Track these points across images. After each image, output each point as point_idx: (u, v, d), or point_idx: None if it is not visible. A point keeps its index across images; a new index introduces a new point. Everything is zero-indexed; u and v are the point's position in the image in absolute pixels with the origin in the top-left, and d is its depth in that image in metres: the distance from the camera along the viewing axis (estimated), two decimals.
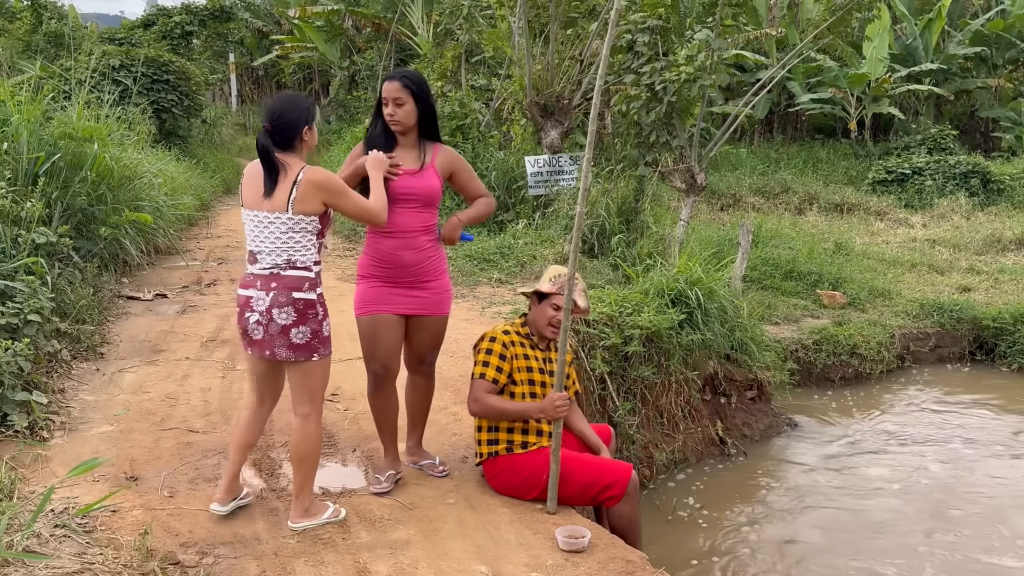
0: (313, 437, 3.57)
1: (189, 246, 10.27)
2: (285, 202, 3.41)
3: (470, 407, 4.00)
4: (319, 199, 3.43)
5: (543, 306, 4.05)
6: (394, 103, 3.81)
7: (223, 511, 3.69)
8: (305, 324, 3.45)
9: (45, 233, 5.90)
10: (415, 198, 3.87)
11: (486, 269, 8.50)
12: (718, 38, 8.26)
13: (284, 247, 3.45)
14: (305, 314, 3.45)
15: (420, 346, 4.05)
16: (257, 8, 28.36)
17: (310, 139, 3.53)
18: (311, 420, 3.57)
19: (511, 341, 4.01)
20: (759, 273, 9.81)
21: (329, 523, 3.66)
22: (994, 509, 5.96)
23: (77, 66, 12.24)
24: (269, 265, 3.46)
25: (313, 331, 3.47)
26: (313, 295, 3.48)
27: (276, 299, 3.43)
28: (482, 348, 4.00)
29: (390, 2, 20.75)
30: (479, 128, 11.49)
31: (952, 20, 19.87)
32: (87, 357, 5.81)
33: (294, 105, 3.53)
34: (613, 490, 3.96)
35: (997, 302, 9.66)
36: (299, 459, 3.60)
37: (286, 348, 3.46)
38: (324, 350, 3.54)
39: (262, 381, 3.68)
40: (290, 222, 3.43)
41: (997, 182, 15.66)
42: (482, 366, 3.96)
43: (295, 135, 3.47)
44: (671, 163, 8.90)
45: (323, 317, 3.52)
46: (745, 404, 7.29)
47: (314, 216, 3.46)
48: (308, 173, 3.42)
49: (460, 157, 4.10)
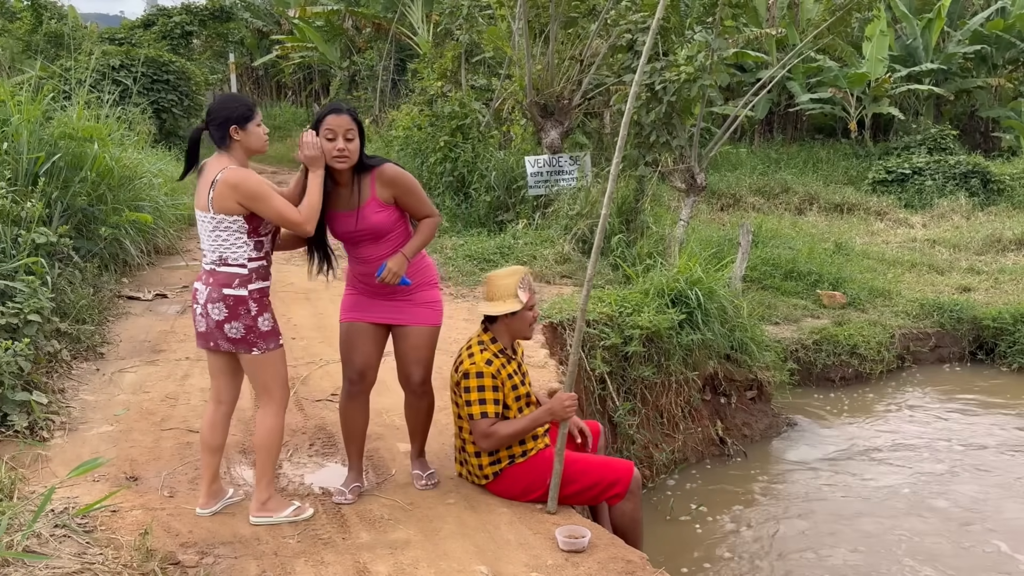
0: (269, 427, 3.63)
1: (189, 246, 10.26)
2: (206, 201, 3.46)
3: (482, 445, 3.86)
4: (234, 199, 3.43)
5: (521, 314, 3.91)
6: (344, 137, 3.58)
7: (207, 513, 3.74)
8: (237, 320, 3.50)
9: (45, 233, 5.90)
10: (361, 237, 3.75)
11: (486, 269, 8.49)
12: (718, 38, 8.26)
13: (215, 245, 3.51)
14: (236, 310, 3.50)
15: (403, 359, 3.94)
16: (257, 8, 28.32)
17: (242, 139, 3.51)
18: (268, 413, 3.64)
19: (497, 369, 3.85)
20: (759, 273, 9.81)
21: (290, 521, 3.67)
22: (995, 510, 5.96)
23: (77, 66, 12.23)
24: (208, 261, 3.55)
25: (247, 326, 3.52)
26: (244, 291, 3.50)
27: (211, 294, 3.51)
28: (472, 387, 3.81)
29: (390, 2, 20.73)
30: (479, 128, 11.48)
31: (952, 20, 19.85)
32: (87, 357, 5.81)
33: (225, 104, 3.56)
34: (616, 488, 3.95)
35: (997, 302, 9.65)
36: (256, 448, 3.68)
37: (225, 340, 3.54)
38: (264, 344, 3.56)
39: (217, 378, 3.74)
40: (214, 221, 3.48)
41: (997, 182, 15.65)
42: (479, 404, 3.81)
43: (223, 133, 3.50)
44: (671, 163, 8.90)
45: (257, 313, 3.53)
46: (745, 404, 7.29)
47: (236, 216, 3.46)
48: (225, 173, 3.44)
49: (400, 176, 3.74)
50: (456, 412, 4.02)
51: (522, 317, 3.93)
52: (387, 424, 4.80)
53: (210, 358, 3.71)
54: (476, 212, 10.60)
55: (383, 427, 4.75)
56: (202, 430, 3.77)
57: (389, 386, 4.70)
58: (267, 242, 3.61)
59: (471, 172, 10.93)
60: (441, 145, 11.08)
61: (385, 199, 3.73)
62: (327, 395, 5.30)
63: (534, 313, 3.99)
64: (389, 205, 3.74)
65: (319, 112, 3.69)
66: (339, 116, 3.60)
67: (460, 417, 3.98)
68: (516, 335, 3.99)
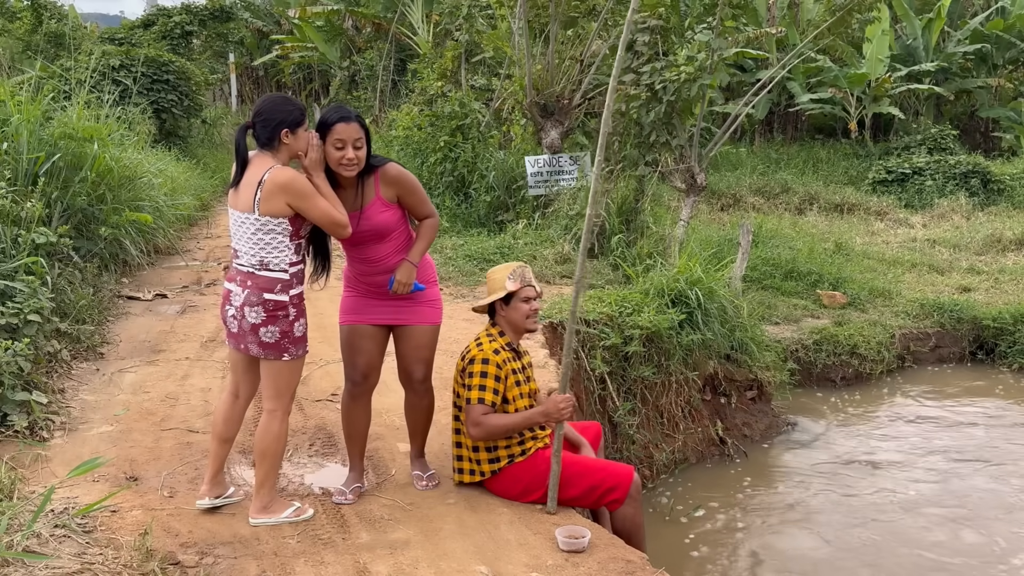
0: (275, 434, 3.59)
1: (189, 246, 10.27)
2: (251, 202, 3.41)
3: (471, 432, 3.85)
4: (283, 200, 3.39)
5: (515, 304, 3.92)
6: (353, 146, 3.54)
7: (206, 505, 3.71)
8: (275, 324, 3.46)
9: (45, 233, 5.90)
10: (366, 237, 3.73)
11: (486, 269, 8.47)
12: (718, 38, 8.26)
13: (256, 248, 3.46)
14: (275, 315, 3.46)
15: (404, 359, 3.95)
16: (257, 8, 28.34)
17: (291, 143, 3.48)
18: (275, 417, 3.59)
19: (503, 360, 3.87)
20: (759, 273, 9.81)
21: (290, 522, 3.65)
22: (996, 511, 5.95)
23: (77, 66, 12.23)
24: (246, 264, 3.49)
25: (283, 331, 3.48)
26: (285, 297, 3.47)
27: (248, 298, 3.46)
28: (475, 372, 3.83)
29: (390, 2, 20.74)
30: (479, 128, 11.48)
31: (952, 20, 19.85)
32: (87, 357, 5.81)
33: (277, 105, 3.51)
34: (615, 493, 3.93)
35: (997, 302, 9.65)
36: (260, 454, 3.63)
37: (257, 345, 3.50)
38: (295, 350, 3.54)
39: (238, 374, 3.71)
40: (258, 223, 3.42)
41: (997, 182, 15.65)
42: (479, 390, 3.82)
43: (273, 135, 3.45)
44: (671, 163, 8.90)
45: (295, 318, 3.51)
46: (745, 404, 7.29)
47: (282, 218, 3.42)
48: (273, 172, 3.39)
49: (403, 175, 3.76)
50: (455, 414, 4.02)
51: (516, 308, 3.93)
52: (387, 424, 4.80)
53: (233, 354, 3.68)
54: (476, 212, 10.61)
55: (383, 427, 4.75)
56: (215, 422, 3.74)
57: (390, 386, 4.70)
58: (303, 245, 3.57)
59: (471, 172, 10.94)
60: (441, 145, 11.09)
61: (389, 198, 3.73)
62: (327, 395, 5.31)
63: (532, 306, 3.96)
64: (393, 204, 3.75)
65: (326, 116, 3.60)
66: (348, 125, 3.54)
67: (460, 409, 3.96)
68: (516, 326, 3.98)
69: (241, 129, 3.50)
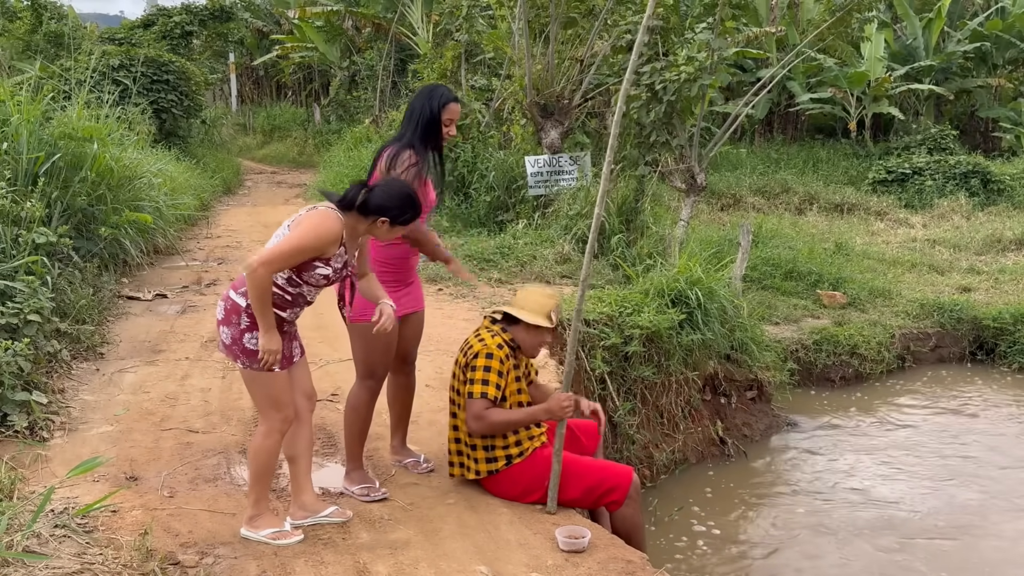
0: (254, 448, 3.52)
1: (189, 246, 10.27)
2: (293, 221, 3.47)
3: (471, 427, 3.86)
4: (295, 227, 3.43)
5: (540, 333, 3.98)
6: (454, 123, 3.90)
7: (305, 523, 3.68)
8: (227, 326, 3.40)
9: (45, 233, 5.90)
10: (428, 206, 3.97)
11: (486, 269, 8.49)
12: (718, 38, 8.26)
13: None
14: (229, 315, 3.39)
15: (408, 341, 4.11)
16: (257, 8, 28.33)
17: (377, 230, 3.47)
18: (259, 432, 3.55)
19: (506, 355, 3.90)
20: (759, 273, 9.81)
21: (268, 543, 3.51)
22: (996, 513, 5.95)
23: (77, 66, 12.23)
24: None
25: (233, 337, 3.39)
26: (243, 301, 3.36)
27: (225, 291, 3.49)
28: (478, 365, 3.85)
29: (390, 2, 20.73)
30: (479, 128, 11.48)
31: (952, 20, 19.85)
32: (87, 357, 5.81)
33: (401, 201, 3.44)
34: (615, 494, 3.93)
35: (997, 302, 9.65)
36: (248, 466, 3.62)
37: (220, 342, 3.48)
38: (248, 361, 3.39)
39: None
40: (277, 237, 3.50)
41: (997, 182, 15.65)
42: (482, 384, 3.82)
43: (369, 213, 3.41)
44: (671, 163, 8.90)
45: (247, 328, 3.36)
46: (745, 404, 7.29)
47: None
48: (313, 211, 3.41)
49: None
50: (453, 411, 4.02)
51: (537, 336, 3.99)
52: (387, 424, 4.79)
53: None
54: (476, 212, 10.60)
55: (383, 427, 4.73)
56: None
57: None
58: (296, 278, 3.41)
59: (471, 172, 10.93)
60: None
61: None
62: (327, 395, 5.30)
63: (547, 340, 4.06)
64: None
65: (441, 94, 3.84)
66: (456, 104, 3.88)
67: (459, 408, 3.96)
68: (525, 347, 4.03)
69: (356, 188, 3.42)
